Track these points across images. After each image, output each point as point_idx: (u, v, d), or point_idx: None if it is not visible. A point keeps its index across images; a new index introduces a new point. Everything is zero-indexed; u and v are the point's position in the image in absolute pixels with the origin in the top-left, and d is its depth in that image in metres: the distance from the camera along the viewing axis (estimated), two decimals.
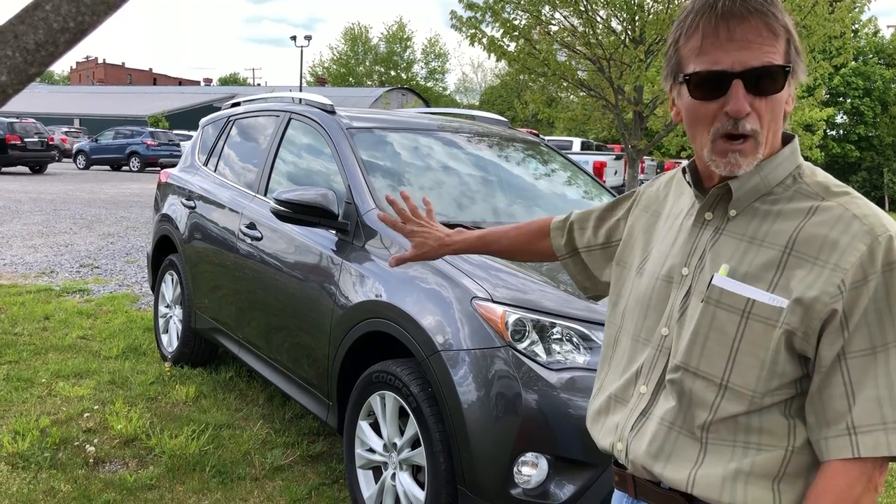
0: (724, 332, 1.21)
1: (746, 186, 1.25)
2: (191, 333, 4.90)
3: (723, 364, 1.21)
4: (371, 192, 3.50)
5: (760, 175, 1.25)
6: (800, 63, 1.23)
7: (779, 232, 1.21)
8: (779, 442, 1.20)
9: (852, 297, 1.14)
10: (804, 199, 1.22)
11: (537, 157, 4.43)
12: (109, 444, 3.87)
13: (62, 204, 15.58)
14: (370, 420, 3.16)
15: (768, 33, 1.19)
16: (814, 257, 1.17)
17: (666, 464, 1.26)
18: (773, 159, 1.25)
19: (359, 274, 3.27)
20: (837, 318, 1.15)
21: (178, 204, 5.09)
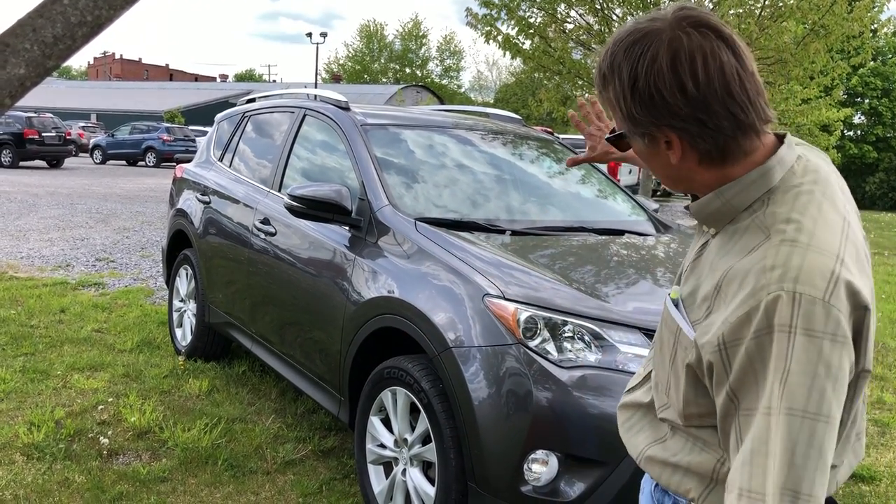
0: (665, 350, 1.26)
1: (706, 211, 1.21)
2: (204, 328, 4.93)
3: (665, 378, 1.27)
4: (384, 189, 3.51)
5: (721, 199, 1.18)
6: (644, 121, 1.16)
7: (725, 262, 1.16)
8: (713, 451, 1.21)
9: (729, 355, 1.10)
10: (755, 234, 1.14)
11: (551, 155, 4.43)
12: (123, 437, 3.91)
13: (79, 198, 15.70)
14: (381, 416, 3.17)
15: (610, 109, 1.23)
16: (725, 301, 1.12)
17: (631, 435, 1.38)
18: (736, 183, 1.17)
19: (371, 270, 3.28)
20: (714, 370, 1.12)
21: (193, 199, 5.12)
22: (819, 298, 1.04)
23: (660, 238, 3.79)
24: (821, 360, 1.04)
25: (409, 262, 3.14)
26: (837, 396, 1.05)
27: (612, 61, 1.16)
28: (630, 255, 3.43)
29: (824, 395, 1.04)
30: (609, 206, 4.17)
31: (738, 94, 1.10)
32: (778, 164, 1.16)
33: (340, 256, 3.49)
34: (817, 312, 1.04)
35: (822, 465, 1.04)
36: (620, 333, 2.64)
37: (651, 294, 2.94)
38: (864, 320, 1.08)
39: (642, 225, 3.98)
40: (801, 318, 1.04)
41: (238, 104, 5.50)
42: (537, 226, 3.59)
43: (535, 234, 3.49)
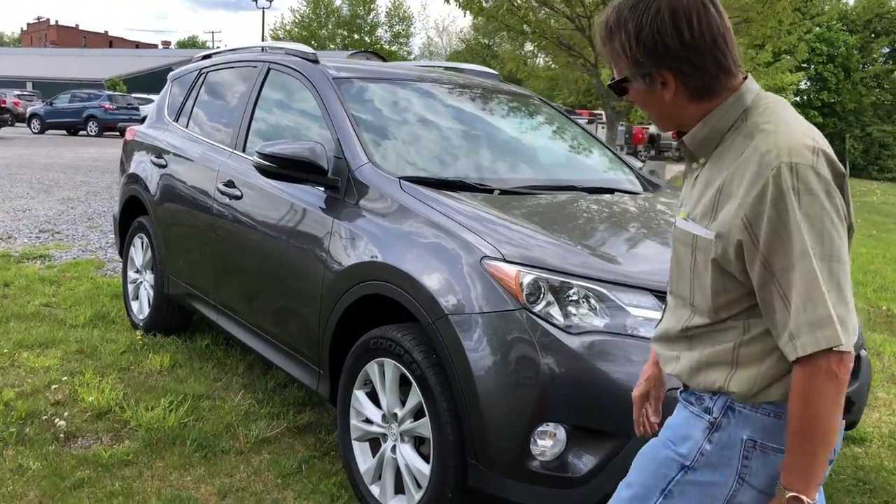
0: (684, 262, 1.50)
1: (698, 138, 1.47)
2: (163, 299, 4.63)
3: (688, 288, 1.50)
4: (363, 147, 3.25)
5: (709, 126, 1.45)
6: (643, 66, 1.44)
7: (720, 174, 1.41)
8: (731, 338, 1.44)
9: (755, 229, 1.34)
10: (742, 142, 1.40)
11: (535, 112, 4.21)
12: (80, 418, 3.62)
13: (18, 168, 14.97)
14: (367, 389, 2.95)
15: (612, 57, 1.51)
16: (732, 194, 1.37)
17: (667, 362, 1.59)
18: (717, 110, 1.44)
19: (352, 233, 3.04)
20: (747, 247, 1.35)
21: (148, 162, 4.78)
22: (810, 165, 1.31)
23: (651, 196, 3.61)
24: (824, 212, 1.30)
25: (394, 223, 2.91)
26: (843, 242, 1.32)
27: (618, 17, 1.44)
28: (627, 213, 3.25)
29: (833, 240, 1.31)
30: (596, 164, 3.98)
31: (720, 43, 1.41)
32: (747, 91, 1.45)
33: (316, 220, 3.24)
34: (811, 175, 1.30)
35: (843, 297, 1.31)
36: (630, 296, 2.46)
37: (659, 254, 2.76)
38: (844, 183, 1.35)
39: (630, 183, 3.80)
40: (801, 181, 1.30)
41: (193, 60, 5.14)
42: (526, 184, 3.39)
43: (524, 192, 3.28)
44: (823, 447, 1.33)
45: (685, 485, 1.48)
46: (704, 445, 1.46)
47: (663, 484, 1.50)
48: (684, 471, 1.48)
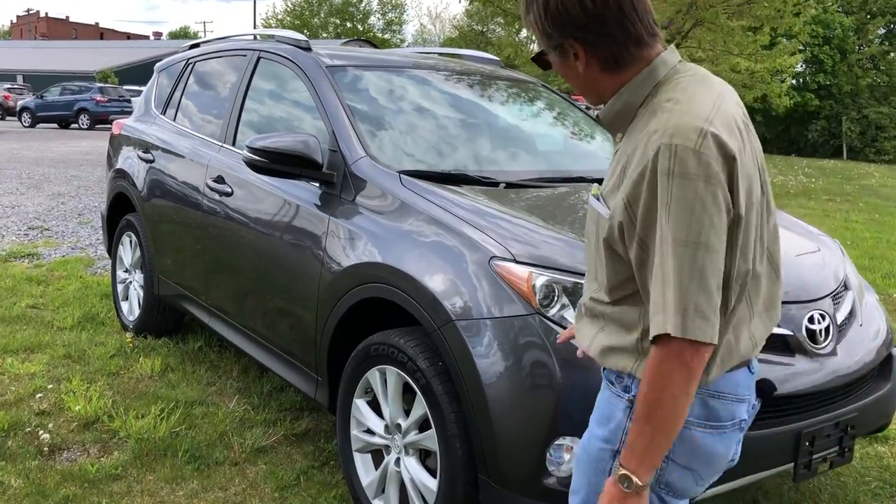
0: (590, 240, 1.52)
1: (611, 112, 1.45)
2: (153, 300, 4.44)
3: (593, 265, 1.52)
4: (360, 139, 3.06)
5: (622, 100, 1.43)
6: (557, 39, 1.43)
7: (626, 152, 1.39)
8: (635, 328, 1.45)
9: (633, 210, 1.34)
10: (647, 118, 1.37)
11: (541, 99, 4.02)
12: (67, 429, 3.44)
13: (7, 163, 14.74)
14: (368, 398, 2.78)
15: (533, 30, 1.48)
16: (626, 175, 1.36)
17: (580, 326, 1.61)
18: (630, 83, 1.42)
19: (349, 232, 2.85)
20: (627, 228, 1.36)
21: (135, 157, 4.58)
22: (691, 148, 1.27)
23: None
24: (696, 198, 1.27)
25: (394, 221, 2.72)
26: (715, 229, 1.28)
27: None
28: None
29: (703, 227, 1.27)
30: (604, 152, 3.78)
31: (628, 11, 1.37)
32: (661, 63, 1.42)
33: (311, 218, 3.05)
34: (690, 158, 1.27)
35: (705, 287, 1.28)
36: None
37: None
38: (734, 169, 1.30)
39: None
40: (678, 164, 1.27)
41: (180, 51, 4.94)
42: (533, 176, 3.20)
43: (531, 185, 3.10)
44: (663, 433, 1.34)
45: None
46: (628, 425, 1.45)
47: (603, 478, 1.48)
48: (616, 457, 1.47)
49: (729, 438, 1.49)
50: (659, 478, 1.46)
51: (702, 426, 1.44)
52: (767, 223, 1.48)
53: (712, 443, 1.46)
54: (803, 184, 18.33)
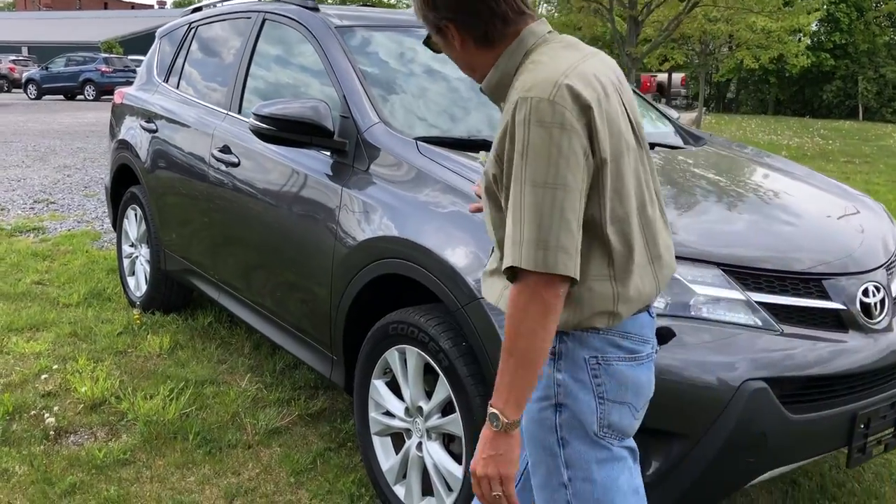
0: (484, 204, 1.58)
1: (492, 83, 1.55)
2: (161, 276, 4.29)
3: (490, 226, 1.56)
4: (373, 104, 2.87)
5: (499, 71, 1.52)
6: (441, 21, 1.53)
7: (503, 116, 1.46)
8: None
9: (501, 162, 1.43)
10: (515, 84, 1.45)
11: None
12: (73, 411, 3.31)
13: (13, 136, 14.59)
14: (387, 378, 2.62)
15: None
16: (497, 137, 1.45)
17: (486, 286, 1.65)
18: (503, 55, 1.51)
19: (363, 204, 2.68)
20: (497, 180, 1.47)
21: (137, 127, 4.41)
22: (545, 98, 1.36)
23: (697, 151, 3.24)
24: (552, 143, 1.35)
25: (411, 191, 2.55)
26: (572, 171, 1.35)
27: None
28: (675, 173, 2.87)
29: (559, 169, 1.35)
30: None
31: None
32: (529, 34, 1.51)
33: (323, 189, 2.88)
34: (545, 108, 1.36)
35: (565, 223, 1.35)
36: (693, 270, 2.10)
37: (723, 221, 2.40)
38: (591, 117, 1.38)
39: (671, 137, 3.42)
40: (534, 113, 1.36)
41: (183, 15, 4.73)
42: None
43: None
44: (524, 368, 1.39)
45: (567, 424, 1.52)
46: (556, 376, 1.51)
47: (554, 436, 1.53)
48: (558, 411, 1.52)
49: (648, 368, 1.57)
50: (601, 424, 1.51)
51: (623, 360, 1.51)
52: (653, 177, 1.58)
53: (636, 373, 1.53)
54: (820, 146, 17.99)
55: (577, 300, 1.46)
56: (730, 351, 2.03)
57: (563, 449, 1.52)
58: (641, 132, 1.56)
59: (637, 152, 1.52)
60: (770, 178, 3.05)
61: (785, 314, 2.15)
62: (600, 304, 1.46)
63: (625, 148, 1.46)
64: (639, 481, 1.59)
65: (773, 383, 2.01)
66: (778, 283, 2.18)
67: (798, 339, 2.12)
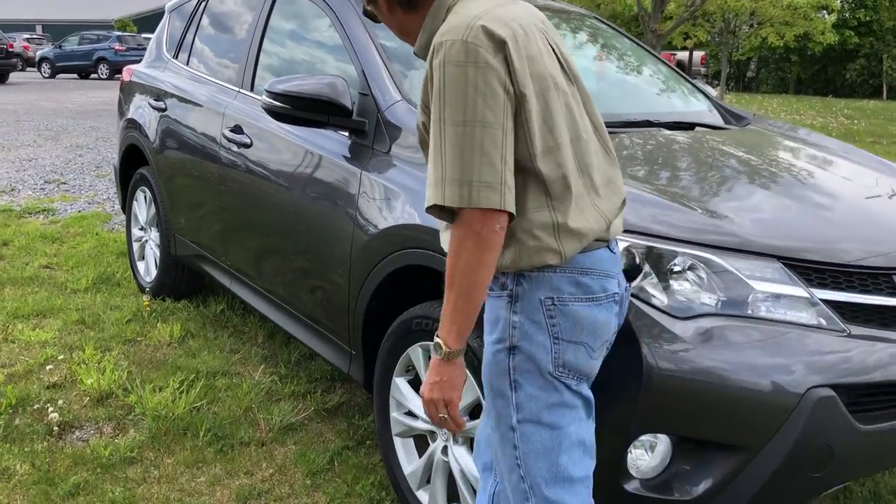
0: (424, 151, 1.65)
1: (422, 45, 1.63)
2: (171, 261, 4.13)
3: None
4: (394, 80, 2.67)
5: (426, 31, 1.60)
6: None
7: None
8: None
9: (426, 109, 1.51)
10: None
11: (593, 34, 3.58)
12: (78, 404, 3.16)
13: (25, 115, 14.47)
14: (409, 376, 2.45)
15: None
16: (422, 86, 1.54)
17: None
18: (428, 16, 1.59)
19: (384, 189, 2.49)
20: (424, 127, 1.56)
21: (146, 106, 4.22)
22: (459, 39, 1.42)
23: (742, 131, 3.02)
24: (468, 82, 1.40)
25: None
26: (491, 108, 1.40)
27: None
28: (723, 155, 2.65)
29: (476, 107, 1.40)
30: (668, 93, 3.36)
31: None
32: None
33: (341, 172, 2.69)
34: (458, 48, 1.41)
35: (486, 158, 1.40)
36: (751, 264, 1.90)
37: (780, 209, 2.20)
38: (506, 52, 1.42)
39: (711, 115, 3.20)
40: (447, 55, 1.42)
41: None
42: None
43: None
44: (463, 301, 1.44)
45: (521, 367, 1.53)
46: (513, 318, 1.53)
47: (506, 378, 1.55)
48: (512, 354, 1.54)
49: (607, 309, 1.56)
50: (556, 363, 1.52)
51: (578, 300, 1.51)
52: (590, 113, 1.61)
53: (592, 313, 1.53)
54: (845, 126, 17.61)
55: (520, 235, 1.48)
56: (791, 354, 1.83)
57: (514, 392, 1.55)
58: (573, 69, 1.60)
59: (567, 87, 1.54)
60: (831, 162, 2.83)
61: (851, 313, 1.95)
62: (542, 235, 1.48)
63: (551, 83, 1.48)
64: (587, 434, 1.59)
65: (840, 390, 1.82)
66: (844, 279, 1.97)
67: (866, 340, 1.91)
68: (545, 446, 1.54)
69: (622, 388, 1.81)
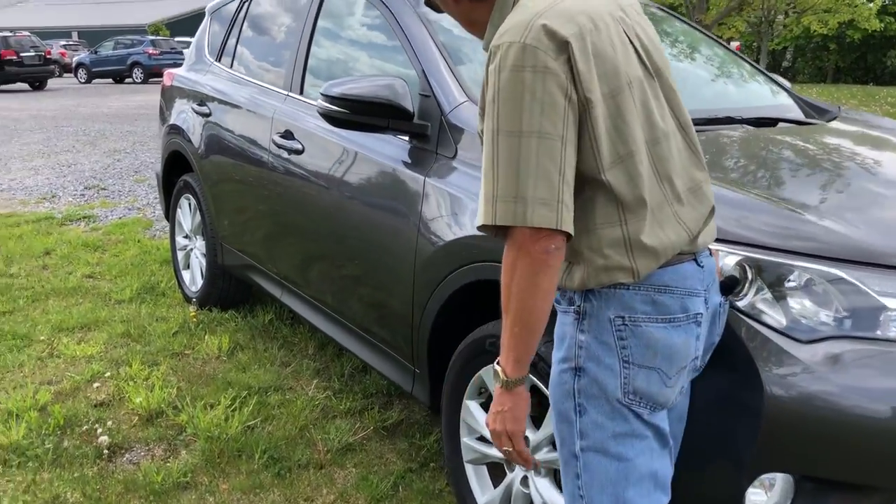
0: None
1: (488, 38, 1.44)
2: (218, 270, 4.00)
3: None
4: (458, 80, 2.49)
5: (494, 25, 1.42)
6: None
7: None
8: None
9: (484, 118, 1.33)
10: None
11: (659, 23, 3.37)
12: (128, 424, 3.03)
13: (64, 120, 14.56)
14: (482, 399, 2.27)
15: None
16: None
17: None
18: (495, 8, 1.43)
19: (451, 197, 2.31)
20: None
21: (190, 111, 4.10)
22: (517, 41, 1.28)
23: (833, 127, 2.79)
24: (525, 88, 1.26)
25: None
26: (549, 117, 1.26)
27: None
28: (822, 155, 2.43)
29: (533, 116, 1.26)
30: (746, 87, 3.14)
31: None
32: None
33: (401, 178, 2.52)
34: (515, 52, 1.27)
35: (543, 172, 1.25)
36: (883, 280, 1.69)
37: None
38: (570, 53, 1.27)
39: (793, 109, 2.98)
40: (503, 59, 1.28)
41: None
42: None
43: None
44: (519, 324, 1.33)
45: (586, 390, 1.41)
46: (580, 337, 1.41)
47: (572, 402, 1.43)
48: (577, 375, 1.42)
49: (686, 331, 1.40)
50: (625, 390, 1.39)
51: (653, 320, 1.37)
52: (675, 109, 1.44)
53: (668, 335, 1.38)
54: (890, 114, 17.07)
55: (588, 254, 1.36)
56: None
57: (578, 417, 1.43)
58: (656, 61, 1.42)
59: (647, 82, 1.38)
60: None
61: None
62: (612, 253, 1.34)
63: (625, 82, 1.33)
64: (660, 466, 1.44)
65: None
66: None
67: None
68: (610, 478, 1.41)
69: (738, 419, 1.61)
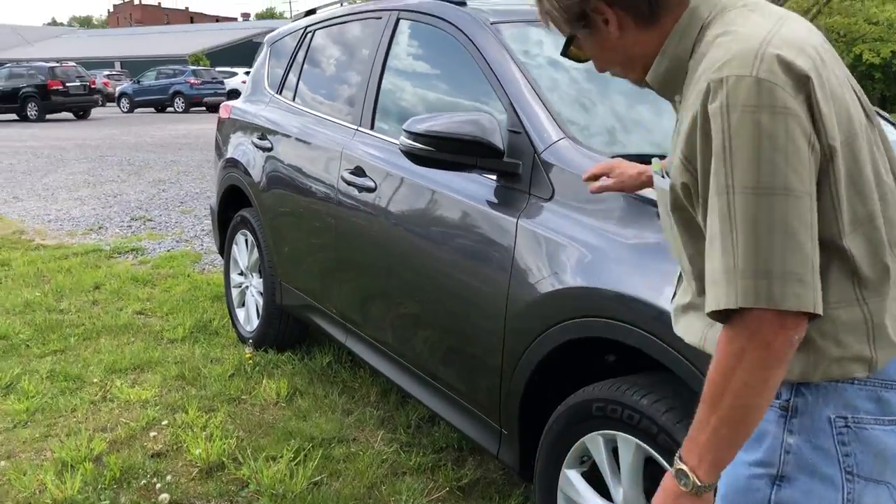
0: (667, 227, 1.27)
1: (659, 73, 1.22)
2: (275, 310, 3.83)
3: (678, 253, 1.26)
4: (552, 115, 2.31)
5: (667, 56, 1.20)
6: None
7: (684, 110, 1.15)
8: None
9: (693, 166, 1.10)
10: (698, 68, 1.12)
11: None
12: (187, 477, 2.86)
13: (108, 150, 14.69)
14: (583, 469, 2.05)
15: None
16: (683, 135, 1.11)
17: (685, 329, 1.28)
18: (672, 35, 1.19)
19: (549, 242, 2.12)
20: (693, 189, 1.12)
21: (249, 145, 3.97)
22: (747, 75, 1.03)
23: None
24: (763, 133, 1.01)
25: (621, 228, 1.97)
26: (795, 169, 1.02)
27: None
28: None
29: (776, 168, 1.01)
30: None
31: None
32: (703, 2, 1.17)
33: (489, 221, 2.33)
34: (748, 88, 1.02)
35: (792, 240, 1.01)
36: None
37: None
38: (810, 91, 1.03)
39: None
40: (731, 96, 1.03)
41: (292, 20, 4.28)
42: None
43: None
44: (729, 426, 1.08)
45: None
46: (787, 440, 1.15)
47: None
48: (777, 485, 1.15)
49: None
50: None
51: (879, 422, 1.13)
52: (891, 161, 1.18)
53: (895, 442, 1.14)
54: None
55: (819, 341, 1.10)
56: None
57: None
58: (867, 104, 1.18)
59: (868, 128, 1.14)
60: None
61: None
62: (851, 340, 1.10)
63: (858, 128, 1.10)
64: None
65: None
66: None
67: None
68: None
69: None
